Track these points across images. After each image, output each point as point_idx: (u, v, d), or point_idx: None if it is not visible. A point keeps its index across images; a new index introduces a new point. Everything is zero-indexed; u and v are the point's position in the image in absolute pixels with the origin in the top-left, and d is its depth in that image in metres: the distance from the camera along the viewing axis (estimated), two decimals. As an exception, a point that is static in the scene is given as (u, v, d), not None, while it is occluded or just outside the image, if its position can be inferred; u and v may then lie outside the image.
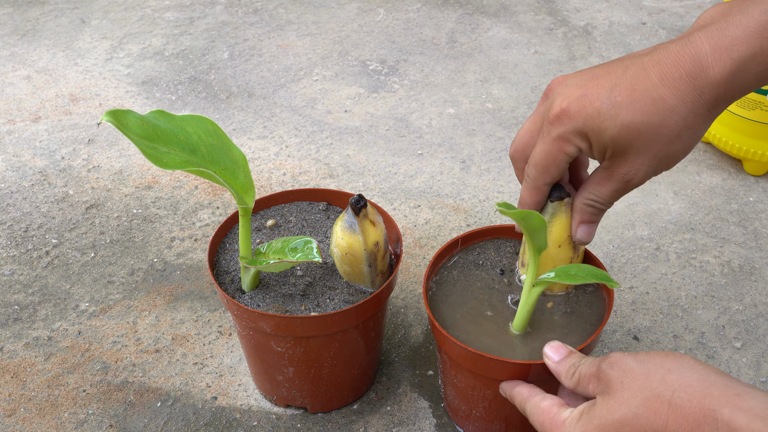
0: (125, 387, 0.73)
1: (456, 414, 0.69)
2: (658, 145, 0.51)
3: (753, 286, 0.84)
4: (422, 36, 1.33)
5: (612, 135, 0.51)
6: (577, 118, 0.52)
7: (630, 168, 0.53)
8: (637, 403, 0.47)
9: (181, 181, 0.99)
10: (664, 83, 0.49)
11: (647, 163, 0.52)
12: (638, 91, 0.50)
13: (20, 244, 0.90)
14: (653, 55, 0.50)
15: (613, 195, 0.56)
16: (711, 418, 0.43)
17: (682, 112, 0.49)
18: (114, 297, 0.83)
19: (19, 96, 1.16)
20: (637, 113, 0.50)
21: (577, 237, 0.59)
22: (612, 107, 0.50)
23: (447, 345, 0.61)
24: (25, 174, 1.01)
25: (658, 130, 0.50)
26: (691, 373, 0.46)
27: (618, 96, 0.50)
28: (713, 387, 0.44)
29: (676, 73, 0.49)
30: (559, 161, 0.55)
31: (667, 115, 0.50)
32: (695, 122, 0.50)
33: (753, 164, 0.99)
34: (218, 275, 0.66)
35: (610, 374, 0.50)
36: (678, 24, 1.36)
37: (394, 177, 1.00)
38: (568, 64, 1.24)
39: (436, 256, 0.67)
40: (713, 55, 0.48)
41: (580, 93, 0.52)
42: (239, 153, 0.61)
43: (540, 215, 0.53)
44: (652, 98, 0.50)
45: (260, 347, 0.65)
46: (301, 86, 1.19)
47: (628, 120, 0.50)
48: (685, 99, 0.49)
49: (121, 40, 1.32)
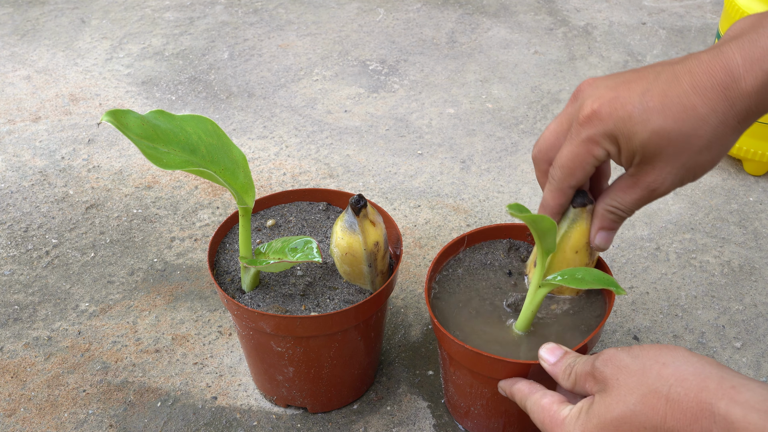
0: (125, 387, 0.73)
1: (456, 411, 0.69)
2: (687, 155, 0.50)
3: (753, 286, 0.84)
4: (422, 36, 1.33)
5: (642, 140, 0.50)
6: (608, 121, 0.51)
7: (657, 176, 0.52)
8: (635, 399, 0.47)
9: (181, 181, 0.99)
10: (695, 91, 0.49)
11: (675, 172, 0.51)
12: (670, 98, 0.49)
13: (20, 244, 0.90)
14: (685, 64, 0.50)
15: (637, 203, 0.55)
16: (708, 412, 0.43)
17: (713, 122, 0.49)
18: (114, 297, 0.83)
19: (19, 96, 1.16)
20: (669, 120, 0.49)
21: (596, 243, 0.59)
22: (644, 112, 0.50)
23: (446, 342, 0.61)
24: (25, 174, 1.01)
25: (688, 138, 0.49)
26: (687, 366, 0.46)
27: (650, 101, 0.50)
28: (709, 380, 0.45)
29: (708, 83, 0.49)
30: (586, 164, 0.54)
31: (698, 124, 0.49)
32: (725, 133, 0.50)
33: (753, 164, 0.99)
34: (218, 275, 0.66)
35: (605, 372, 0.50)
36: (678, 24, 1.36)
37: (394, 177, 1.00)
38: (568, 64, 1.24)
39: (440, 254, 0.67)
40: (745, 66, 0.48)
41: (612, 96, 0.51)
42: (239, 153, 0.61)
43: (550, 219, 0.53)
44: (684, 106, 0.49)
45: (260, 347, 0.65)
46: (301, 86, 1.19)
47: (659, 126, 0.49)
48: (716, 109, 0.49)
49: (121, 40, 1.32)
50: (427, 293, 0.63)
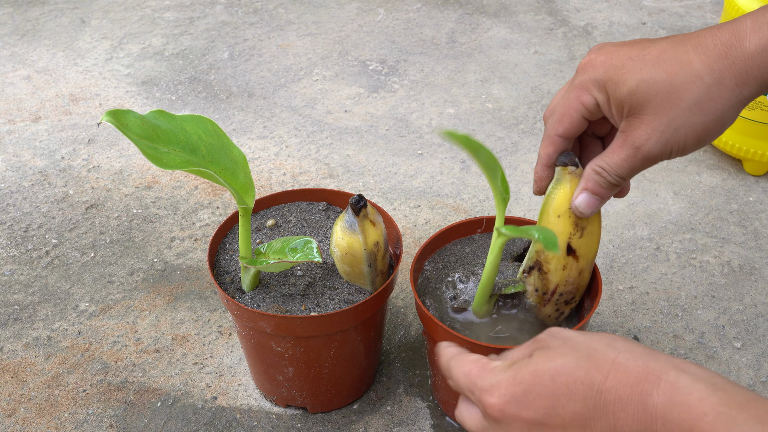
0: (125, 387, 0.73)
1: (443, 403, 0.70)
2: (674, 110, 0.49)
3: (753, 286, 0.84)
4: (422, 36, 1.33)
5: (630, 88, 0.49)
6: (599, 68, 0.51)
7: (643, 132, 0.50)
8: (578, 355, 0.43)
9: (181, 181, 0.99)
10: (696, 50, 0.49)
11: (661, 129, 0.49)
12: (668, 53, 0.49)
13: (20, 244, 0.90)
14: (697, 31, 0.50)
15: (623, 164, 0.52)
16: (654, 377, 0.41)
17: (707, 79, 0.48)
18: (114, 297, 0.83)
19: (19, 96, 1.16)
20: (660, 71, 0.49)
21: (575, 203, 0.56)
22: (637, 62, 0.50)
23: (425, 320, 0.62)
24: (25, 174, 1.01)
25: (677, 92, 0.48)
26: (637, 346, 0.44)
27: (647, 55, 0.50)
28: (658, 356, 0.42)
29: (712, 42, 0.48)
30: (573, 111, 0.53)
31: (690, 79, 0.48)
32: (720, 95, 0.48)
33: (753, 164, 0.99)
34: (218, 275, 0.66)
35: (549, 339, 0.46)
36: (678, 24, 1.36)
37: (394, 177, 1.00)
38: (568, 64, 1.24)
39: (436, 235, 0.68)
40: (752, 26, 0.48)
41: (614, 50, 0.51)
42: (239, 153, 0.61)
43: (488, 150, 0.50)
44: (679, 60, 0.49)
45: (260, 347, 0.65)
46: (301, 86, 1.19)
47: (648, 76, 0.49)
48: (713, 67, 0.48)
49: (121, 40, 1.32)
50: (412, 276, 0.64)
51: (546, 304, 0.60)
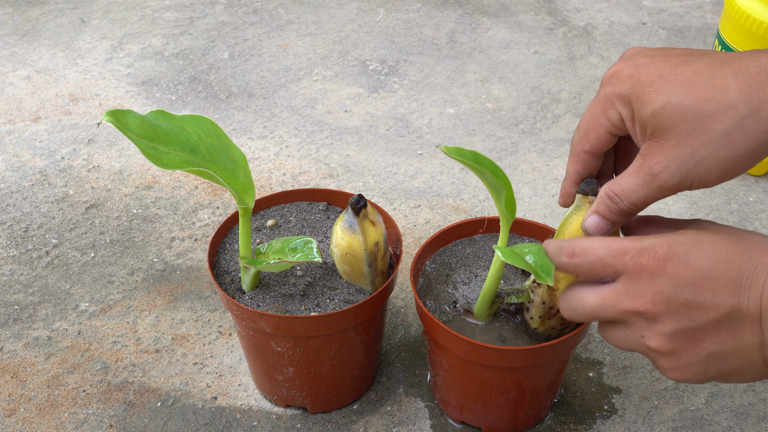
0: (125, 387, 0.73)
1: (436, 391, 0.70)
2: (700, 139, 0.44)
3: (753, 286, 0.84)
4: (422, 36, 1.33)
5: (654, 109, 0.45)
6: (626, 82, 0.47)
7: (662, 158, 0.46)
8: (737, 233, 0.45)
9: (181, 181, 0.99)
10: (735, 75, 0.44)
11: (682, 158, 0.45)
12: (702, 75, 0.44)
13: (20, 244, 0.90)
14: (740, 53, 0.45)
15: (637, 191, 0.48)
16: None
17: (742, 110, 0.43)
18: (114, 297, 0.83)
19: (19, 96, 1.16)
20: (690, 95, 0.44)
21: (584, 224, 0.52)
22: (666, 81, 0.45)
23: (425, 320, 0.62)
24: (25, 174, 1.01)
25: (706, 120, 0.44)
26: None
27: (679, 75, 0.45)
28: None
29: (754, 70, 0.43)
30: (599, 126, 0.50)
31: (721, 107, 0.43)
32: (754, 128, 0.43)
33: (753, 164, 0.99)
34: (218, 275, 0.66)
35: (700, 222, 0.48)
36: (678, 24, 1.36)
37: (394, 177, 1.00)
38: (568, 64, 1.24)
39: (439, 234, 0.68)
40: None
41: (646, 62, 0.47)
42: (239, 153, 0.61)
43: (496, 165, 0.49)
44: (713, 85, 0.44)
45: (260, 347, 0.65)
46: (301, 86, 1.19)
47: (676, 99, 0.44)
48: (751, 97, 0.43)
49: (121, 40, 1.32)
50: (412, 275, 0.64)
51: (551, 317, 0.61)
